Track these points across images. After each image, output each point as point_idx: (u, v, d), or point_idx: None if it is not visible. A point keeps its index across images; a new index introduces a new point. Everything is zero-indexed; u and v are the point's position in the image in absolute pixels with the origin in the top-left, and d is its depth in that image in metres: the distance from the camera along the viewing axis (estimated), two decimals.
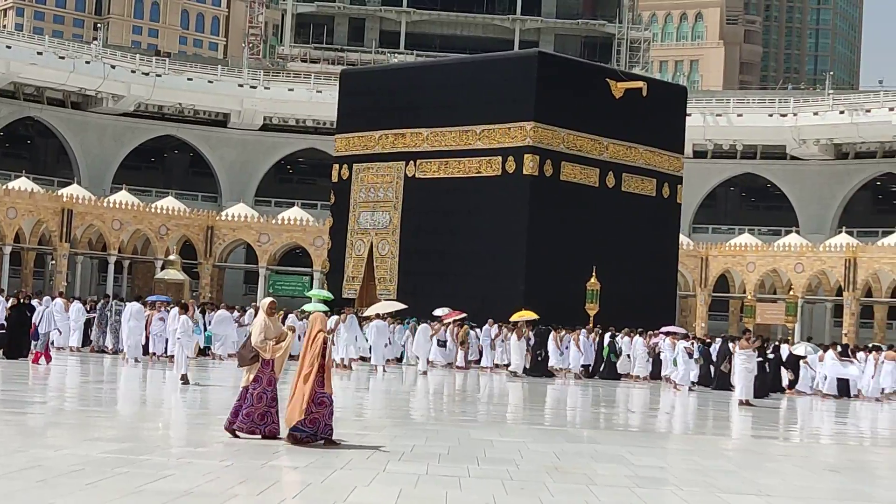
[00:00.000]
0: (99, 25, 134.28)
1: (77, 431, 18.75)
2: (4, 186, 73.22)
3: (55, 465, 14.32)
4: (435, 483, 14.66)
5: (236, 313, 44.54)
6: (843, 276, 73.95)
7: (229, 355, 39.08)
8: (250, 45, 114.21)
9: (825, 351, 43.10)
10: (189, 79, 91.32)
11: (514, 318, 47.25)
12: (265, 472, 14.84)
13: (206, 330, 41.29)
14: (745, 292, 74.44)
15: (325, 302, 55.76)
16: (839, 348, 43.50)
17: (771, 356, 41.74)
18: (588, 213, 57.87)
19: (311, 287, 72.11)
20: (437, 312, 48.31)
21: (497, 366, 46.59)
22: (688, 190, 70.41)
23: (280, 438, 17.46)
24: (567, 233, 56.71)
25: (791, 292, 69.32)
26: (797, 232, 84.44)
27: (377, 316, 42.09)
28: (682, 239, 71.07)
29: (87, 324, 43.17)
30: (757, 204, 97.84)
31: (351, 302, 58.65)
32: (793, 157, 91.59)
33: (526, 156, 56.42)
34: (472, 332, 47.39)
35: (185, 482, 13.62)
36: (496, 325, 47.33)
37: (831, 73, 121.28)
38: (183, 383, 28.59)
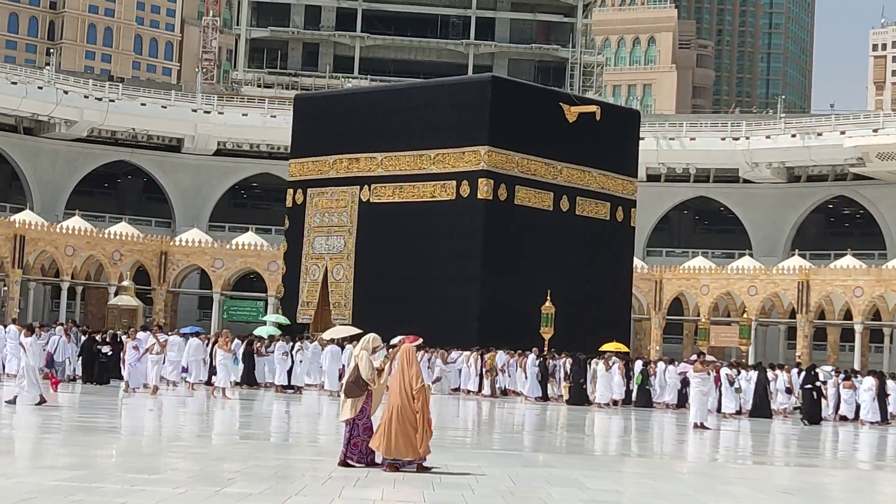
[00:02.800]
0: (51, 50, 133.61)
1: (30, 459, 18.59)
2: None
3: (7, 495, 14.20)
4: None
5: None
6: (796, 299, 74.35)
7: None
8: (204, 70, 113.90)
9: (852, 378, 42.88)
10: (142, 104, 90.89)
11: (603, 348, 47.28)
12: (219, 499, 14.75)
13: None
14: (699, 315, 74.69)
15: (280, 326, 55.93)
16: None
17: (819, 384, 40.75)
18: (542, 237, 58.02)
19: (266, 312, 71.92)
20: (395, 341, 48.06)
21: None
22: (641, 213, 70.71)
23: (377, 465, 17.98)
24: (521, 257, 56.84)
25: (745, 315, 69.62)
26: (750, 255, 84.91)
27: (331, 341, 41.94)
28: (636, 262, 71.33)
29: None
30: (710, 227, 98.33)
31: (306, 327, 58.53)
32: (745, 181, 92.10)
33: (480, 180, 56.51)
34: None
35: None
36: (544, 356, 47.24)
37: (783, 96, 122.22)
38: (38, 404, 28.48)
